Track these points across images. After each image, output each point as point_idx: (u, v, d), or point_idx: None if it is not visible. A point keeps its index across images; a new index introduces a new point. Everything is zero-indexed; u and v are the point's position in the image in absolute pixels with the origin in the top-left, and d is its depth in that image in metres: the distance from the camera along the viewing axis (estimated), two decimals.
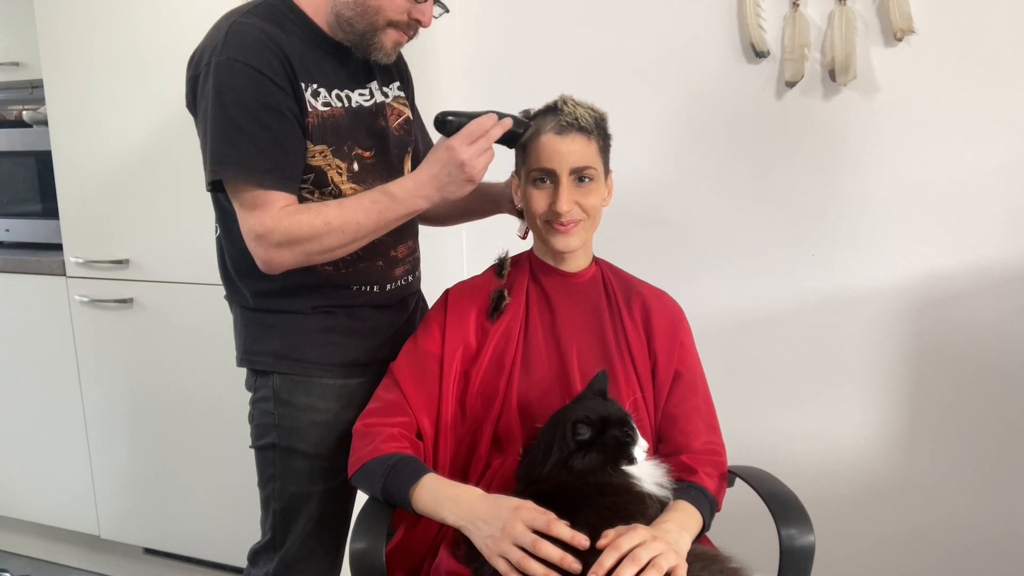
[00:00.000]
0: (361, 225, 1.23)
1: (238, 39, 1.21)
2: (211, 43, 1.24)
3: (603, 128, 1.31)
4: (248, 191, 1.22)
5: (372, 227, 1.24)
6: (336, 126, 1.30)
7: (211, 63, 1.21)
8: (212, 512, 2.13)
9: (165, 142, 1.96)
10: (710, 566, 1.07)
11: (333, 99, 1.31)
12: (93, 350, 2.20)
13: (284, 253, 1.22)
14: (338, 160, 1.30)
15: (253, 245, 1.23)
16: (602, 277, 1.39)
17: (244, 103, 1.20)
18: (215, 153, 1.21)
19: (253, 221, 1.22)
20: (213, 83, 1.20)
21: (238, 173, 1.21)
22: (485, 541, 1.05)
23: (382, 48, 1.31)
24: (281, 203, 1.22)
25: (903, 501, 1.94)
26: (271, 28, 1.24)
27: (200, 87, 1.24)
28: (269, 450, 1.39)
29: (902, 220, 1.84)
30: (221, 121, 1.20)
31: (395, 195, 1.23)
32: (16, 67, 2.39)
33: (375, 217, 1.23)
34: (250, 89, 1.20)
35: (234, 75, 1.20)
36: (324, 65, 1.30)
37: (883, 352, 1.90)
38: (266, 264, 1.24)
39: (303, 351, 1.36)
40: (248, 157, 1.20)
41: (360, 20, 1.27)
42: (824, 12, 1.81)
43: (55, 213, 2.20)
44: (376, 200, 1.23)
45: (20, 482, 2.42)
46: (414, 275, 1.50)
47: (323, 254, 1.25)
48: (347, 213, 1.22)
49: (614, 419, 1.17)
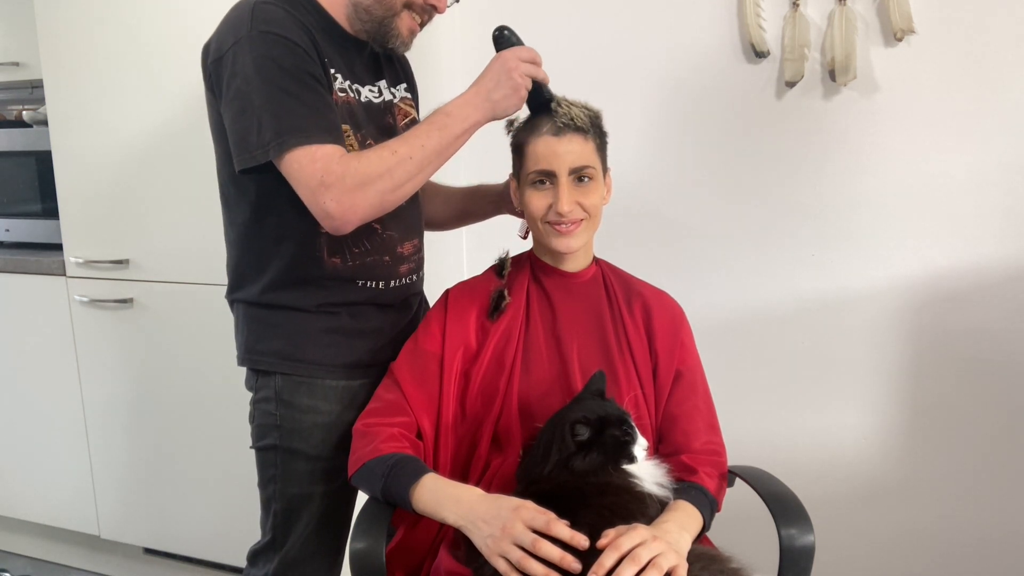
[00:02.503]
0: (426, 147, 1.20)
1: (265, 15, 1.20)
2: (233, 27, 1.22)
3: (599, 126, 1.31)
4: (307, 152, 1.17)
5: (436, 148, 1.22)
6: (352, 112, 1.31)
7: (241, 40, 1.19)
8: (212, 512, 2.13)
9: (165, 142, 1.96)
10: (710, 566, 1.07)
11: (348, 87, 1.32)
12: (93, 350, 2.20)
13: (359, 196, 1.17)
14: (354, 143, 1.30)
15: (324, 199, 1.16)
16: (602, 277, 1.39)
17: (288, 70, 1.18)
18: (277, 125, 1.16)
19: (320, 173, 1.16)
20: (252, 57, 1.17)
21: (303, 139, 1.17)
22: (485, 541, 1.05)
23: (399, 35, 1.32)
24: (340, 153, 1.19)
25: (903, 501, 1.94)
26: (292, 11, 1.24)
27: (231, 66, 1.20)
28: (270, 451, 1.38)
29: (902, 220, 1.84)
30: (270, 91, 1.17)
31: (448, 111, 1.23)
32: (16, 67, 2.39)
33: (436, 137, 1.21)
34: (291, 56, 1.18)
35: (271, 45, 1.18)
36: (338, 58, 1.31)
37: (883, 352, 1.90)
38: (341, 215, 1.17)
39: (306, 352, 1.36)
40: (307, 119, 1.18)
41: (378, 6, 1.29)
42: (824, 12, 1.81)
43: (55, 213, 2.20)
44: (432, 121, 1.23)
45: (20, 482, 2.42)
46: (418, 275, 1.49)
47: (396, 191, 1.20)
48: (410, 139, 1.21)
49: (613, 418, 1.17)
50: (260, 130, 1.17)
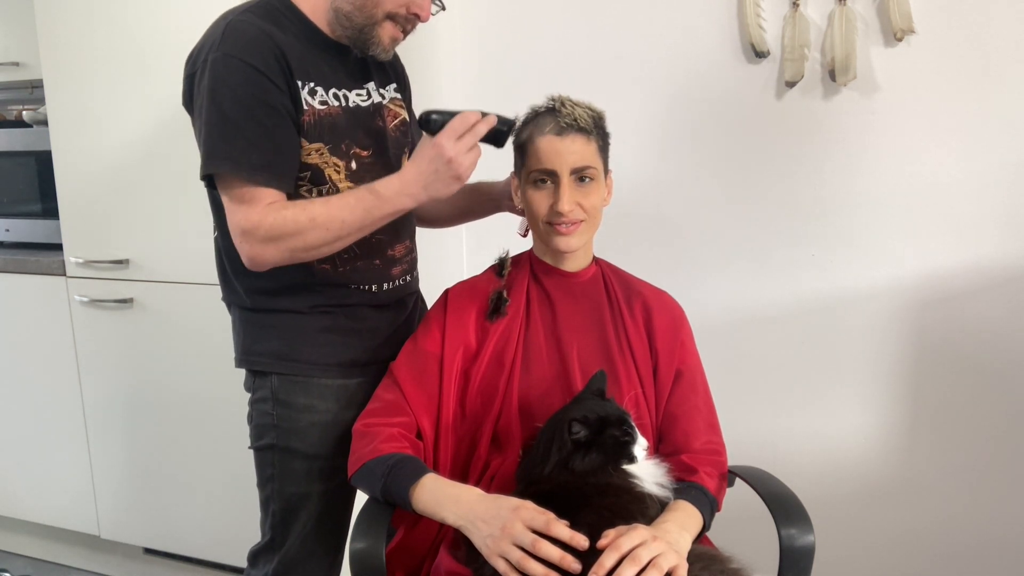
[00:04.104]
0: (346, 223, 1.22)
1: (235, 36, 1.21)
2: (208, 41, 1.24)
3: (602, 127, 1.31)
4: (238, 186, 1.21)
5: (357, 225, 1.23)
6: (333, 124, 1.30)
7: (208, 60, 1.21)
8: (212, 512, 2.13)
9: (165, 142, 1.96)
10: (710, 566, 1.07)
11: (331, 98, 1.31)
12: (93, 350, 2.20)
13: (269, 249, 1.22)
14: (335, 158, 1.30)
15: (239, 241, 1.23)
16: (603, 277, 1.39)
17: (239, 99, 1.20)
18: (208, 148, 1.21)
19: (240, 216, 1.21)
20: (209, 79, 1.21)
21: (230, 168, 1.21)
22: (485, 541, 1.05)
23: (380, 43, 1.31)
24: (269, 199, 1.22)
25: (903, 501, 1.94)
26: (268, 26, 1.24)
27: (197, 84, 1.24)
28: (268, 451, 1.39)
29: (902, 220, 1.84)
30: (215, 116, 1.20)
31: (380, 193, 1.22)
32: (16, 67, 2.39)
33: (360, 215, 1.22)
34: (246, 85, 1.20)
35: (230, 71, 1.20)
36: (322, 65, 1.30)
37: (883, 352, 1.90)
38: (251, 260, 1.24)
39: (302, 351, 1.36)
40: (240, 152, 1.20)
41: (359, 14, 1.28)
42: (824, 12, 1.81)
43: (55, 213, 2.20)
44: (361, 198, 1.22)
45: (20, 482, 2.42)
46: (411, 275, 1.50)
47: (307, 251, 1.24)
48: (332, 210, 1.22)
49: (612, 418, 1.16)
50: (204, 149, 1.23)
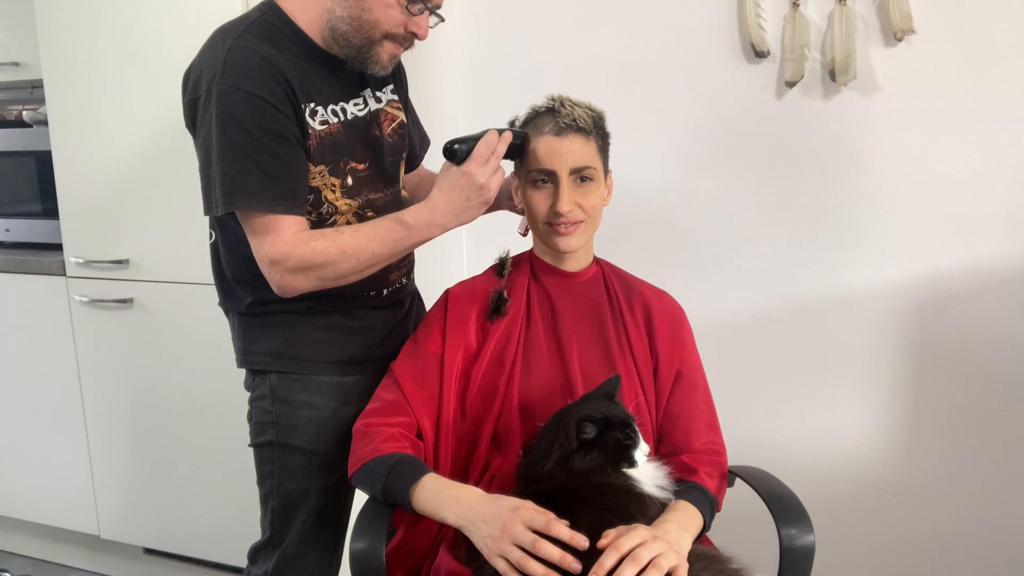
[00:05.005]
0: (376, 253, 1.23)
1: (237, 65, 1.20)
2: (209, 67, 1.22)
3: (601, 127, 1.31)
4: (259, 217, 1.22)
5: (387, 255, 1.25)
6: (333, 143, 1.30)
7: (212, 90, 1.20)
8: (212, 512, 2.13)
9: (165, 142, 1.96)
10: (711, 566, 1.07)
11: (330, 115, 1.30)
12: (93, 350, 2.20)
13: (299, 278, 1.23)
14: (333, 178, 1.31)
15: (268, 270, 1.24)
16: (603, 277, 1.39)
17: (249, 131, 1.19)
18: (226, 186, 1.20)
19: (267, 247, 1.22)
20: (217, 112, 1.20)
21: (251, 203, 1.21)
22: (485, 541, 1.05)
23: (379, 61, 1.30)
24: (293, 228, 1.23)
25: (903, 501, 1.94)
26: (268, 49, 1.23)
27: (201, 112, 1.23)
28: (267, 447, 1.40)
29: (902, 220, 1.84)
30: (227, 152, 1.20)
31: (410, 224, 1.23)
32: (16, 67, 2.38)
33: (390, 246, 1.24)
34: (254, 117, 1.20)
35: (237, 103, 1.19)
36: (318, 80, 1.30)
37: (883, 352, 1.90)
38: (281, 288, 1.25)
39: (300, 349, 1.37)
40: (258, 185, 1.20)
41: (356, 35, 1.27)
42: (824, 12, 1.81)
43: (55, 213, 2.20)
44: (391, 229, 1.23)
45: (20, 482, 2.42)
46: (408, 277, 1.52)
47: (337, 280, 1.25)
48: (361, 241, 1.23)
49: (617, 421, 1.17)
50: (213, 187, 1.22)
